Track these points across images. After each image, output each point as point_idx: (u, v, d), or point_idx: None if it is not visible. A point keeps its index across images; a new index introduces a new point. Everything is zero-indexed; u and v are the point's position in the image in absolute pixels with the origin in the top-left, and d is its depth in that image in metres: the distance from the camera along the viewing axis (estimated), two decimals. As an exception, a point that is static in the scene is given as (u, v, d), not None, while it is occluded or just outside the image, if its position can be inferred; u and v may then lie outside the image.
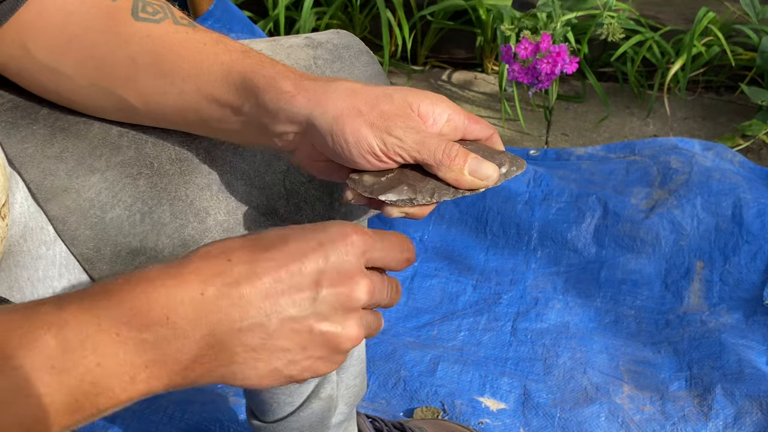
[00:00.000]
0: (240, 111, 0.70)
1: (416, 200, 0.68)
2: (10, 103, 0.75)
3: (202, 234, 0.76)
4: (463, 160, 0.67)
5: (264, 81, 0.69)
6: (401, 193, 0.68)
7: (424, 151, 0.67)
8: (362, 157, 0.67)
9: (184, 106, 0.72)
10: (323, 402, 0.94)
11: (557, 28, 1.78)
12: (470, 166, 0.68)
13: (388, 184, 0.68)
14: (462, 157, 0.67)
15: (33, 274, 0.73)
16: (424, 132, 0.67)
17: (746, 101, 2.06)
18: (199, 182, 0.76)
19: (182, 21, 0.73)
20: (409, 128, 0.67)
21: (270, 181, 0.78)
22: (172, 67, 0.71)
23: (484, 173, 0.68)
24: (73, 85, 0.73)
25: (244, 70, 0.70)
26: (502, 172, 0.69)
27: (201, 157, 0.77)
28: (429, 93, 0.70)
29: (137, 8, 0.72)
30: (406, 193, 0.68)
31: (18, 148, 0.73)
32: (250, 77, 0.69)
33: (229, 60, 0.71)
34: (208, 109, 0.71)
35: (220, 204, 0.77)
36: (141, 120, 0.75)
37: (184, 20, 0.73)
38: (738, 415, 1.29)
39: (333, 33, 0.86)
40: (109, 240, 0.74)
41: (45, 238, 0.73)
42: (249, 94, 0.69)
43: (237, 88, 0.69)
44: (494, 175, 0.68)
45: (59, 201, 0.73)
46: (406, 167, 0.69)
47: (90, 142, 0.75)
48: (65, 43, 0.72)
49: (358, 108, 0.67)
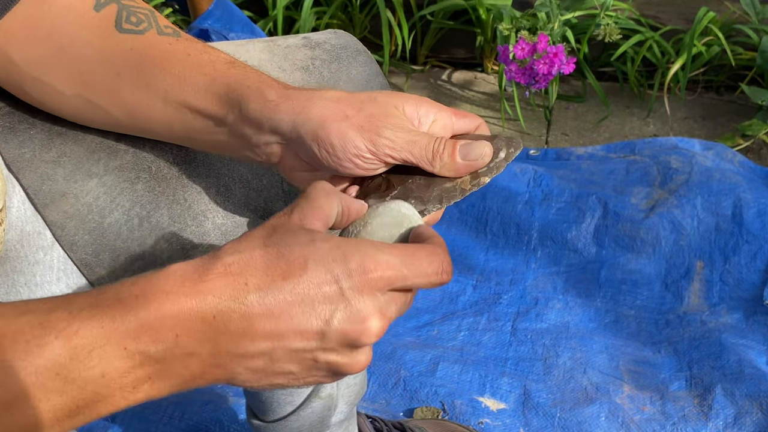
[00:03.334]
0: (223, 122, 0.69)
1: (427, 211, 0.67)
2: (7, 108, 0.75)
3: (200, 237, 0.76)
4: (452, 149, 0.67)
5: (248, 91, 0.68)
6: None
7: (415, 150, 0.67)
8: (349, 161, 0.66)
9: (168, 118, 0.71)
10: (323, 401, 0.94)
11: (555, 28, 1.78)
12: (461, 152, 0.67)
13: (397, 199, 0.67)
14: (450, 147, 0.67)
15: (30, 279, 0.73)
16: (413, 131, 0.67)
17: (746, 101, 2.06)
18: (197, 186, 0.76)
19: (166, 30, 0.72)
20: (399, 128, 0.67)
21: (268, 184, 0.78)
22: (156, 79, 0.70)
23: (477, 153, 0.68)
24: (59, 96, 0.72)
25: (228, 81, 0.69)
26: (501, 156, 0.69)
27: (199, 161, 0.77)
28: (412, 95, 0.70)
29: (121, 19, 0.72)
30: (414, 206, 0.67)
31: (15, 153, 0.73)
32: (234, 88, 0.69)
33: (213, 71, 0.70)
34: (192, 120, 0.70)
35: (218, 207, 0.77)
36: (127, 131, 0.74)
37: (169, 29, 0.73)
38: (738, 415, 1.29)
39: (331, 33, 0.86)
40: (108, 245, 0.74)
41: (42, 243, 0.73)
42: (233, 104, 0.68)
43: (221, 98, 0.69)
44: (488, 150, 0.68)
45: (57, 206, 0.73)
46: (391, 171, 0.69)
47: (88, 147, 0.75)
48: (51, 55, 0.72)
49: (344, 112, 0.67)
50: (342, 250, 0.55)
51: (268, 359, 0.55)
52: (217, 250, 0.56)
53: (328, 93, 0.68)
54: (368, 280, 0.55)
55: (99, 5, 0.72)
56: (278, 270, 0.54)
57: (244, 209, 0.77)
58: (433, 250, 0.59)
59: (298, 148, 0.68)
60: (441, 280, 0.59)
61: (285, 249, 0.55)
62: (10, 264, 0.72)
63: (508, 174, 1.71)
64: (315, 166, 0.68)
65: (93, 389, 0.51)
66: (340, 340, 0.55)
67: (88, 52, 0.71)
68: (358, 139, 0.66)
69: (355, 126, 0.66)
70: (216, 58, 0.71)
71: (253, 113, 0.68)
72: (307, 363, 0.56)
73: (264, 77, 0.70)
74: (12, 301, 0.70)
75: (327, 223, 0.60)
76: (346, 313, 0.55)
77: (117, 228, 0.74)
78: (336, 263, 0.55)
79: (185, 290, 0.53)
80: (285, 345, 0.55)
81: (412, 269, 0.57)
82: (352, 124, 0.66)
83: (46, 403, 0.50)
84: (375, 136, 0.66)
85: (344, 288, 0.55)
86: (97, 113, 0.73)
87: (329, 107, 0.67)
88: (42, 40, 0.71)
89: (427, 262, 0.58)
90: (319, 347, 0.55)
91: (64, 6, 0.72)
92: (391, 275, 0.56)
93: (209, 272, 0.54)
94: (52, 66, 0.72)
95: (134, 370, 0.52)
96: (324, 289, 0.54)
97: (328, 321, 0.54)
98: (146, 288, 0.53)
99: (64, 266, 0.74)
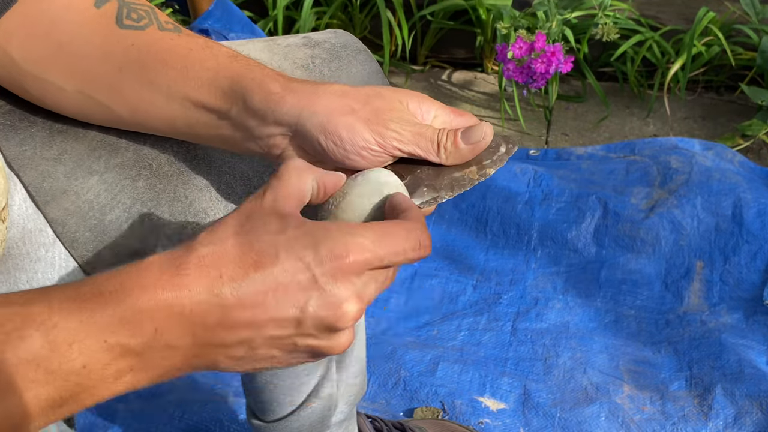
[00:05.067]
0: (227, 115, 0.70)
1: (440, 198, 0.68)
2: (8, 106, 0.75)
3: (201, 235, 0.76)
4: (454, 137, 0.68)
5: (253, 83, 0.68)
6: (423, 196, 0.68)
7: (422, 142, 0.67)
8: (357, 153, 0.67)
9: (171, 114, 0.71)
10: (323, 401, 0.94)
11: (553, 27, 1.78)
12: (463, 137, 0.68)
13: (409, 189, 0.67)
14: (452, 135, 0.68)
15: (32, 277, 0.73)
16: (419, 124, 0.68)
17: (746, 101, 2.06)
18: (197, 183, 0.76)
19: (167, 26, 0.73)
20: (405, 121, 0.68)
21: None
22: (158, 75, 0.71)
23: (478, 135, 0.69)
24: (60, 93, 0.73)
25: (231, 75, 0.69)
26: (502, 150, 0.70)
27: (200, 158, 0.77)
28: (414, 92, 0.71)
29: (122, 15, 0.72)
30: (427, 194, 0.68)
31: (16, 151, 0.73)
32: (238, 80, 0.69)
33: (216, 65, 0.70)
34: (195, 114, 0.71)
35: (219, 205, 0.77)
36: (128, 127, 0.75)
37: (169, 25, 0.73)
38: (738, 415, 1.29)
39: (330, 32, 0.86)
40: (109, 242, 0.74)
41: (44, 241, 0.73)
42: (237, 97, 0.69)
43: (224, 92, 0.69)
44: (488, 131, 0.69)
45: (58, 203, 0.73)
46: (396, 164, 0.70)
47: (88, 144, 0.75)
48: (51, 53, 0.72)
49: (350, 106, 0.67)
50: (313, 237, 0.55)
51: (248, 347, 0.56)
52: (192, 241, 0.56)
53: (332, 87, 0.69)
54: (341, 266, 0.55)
55: (99, 2, 0.72)
56: (250, 261, 0.54)
57: (245, 207, 0.77)
58: (408, 225, 0.58)
59: (303, 140, 0.68)
60: (419, 255, 0.58)
61: (256, 239, 0.55)
62: (12, 261, 0.72)
63: (508, 174, 1.71)
64: (319, 159, 0.68)
65: (76, 380, 0.52)
66: (318, 326, 0.55)
67: (89, 48, 0.72)
68: (366, 131, 0.66)
69: (362, 119, 0.67)
70: (218, 53, 0.71)
71: (257, 105, 0.68)
72: (288, 347, 0.57)
73: (267, 70, 0.70)
74: None
75: (302, 201, 0.60)
76: (320, 300, 0.55)
77: (118, 225, 0.74)
78: (307, 250, 0.55)
79: (162, 284, 0.53)
80: (263, 333, 0.55)
81: (388, 248, 0.57)
82: (359, 117, 0.67)
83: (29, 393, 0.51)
84: (383, 128, 0.67)
85: (317, 275, 0.55)
86: (98, 109, 0.73)
87: (335, 101, 0.67)
88: (42, 38, 0.71)
89: (403, 238, 0.57)
90: (296, 333, 0.56)
91: (64, 4, 0.72)
92: (366, 257, 0.56)
93: (185, 265, 0.54)
94: (53, 63, 0.72)
95: (115, 361, 0.53)
96: (297, 277, 0.54)
97: (303, 308, 0.55)
98: (125, 281, 0.54)
99: (65, 263, 0.74)
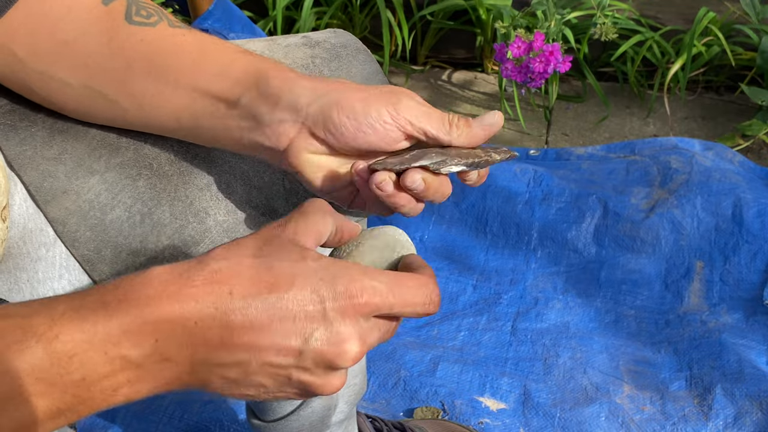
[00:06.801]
0: (236, 104, 0.70)
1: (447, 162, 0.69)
2: (9, 106, 0.75)
3: (202, 234, 0.76)
4: (466, 120, 0.70)
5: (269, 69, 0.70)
6: (432, 158, 0.69)
7: (433, 120, 0.69)
8: (370, 126, 0.68)
9: (177, 106, 0.72)
10: (323, 401, 0.94)
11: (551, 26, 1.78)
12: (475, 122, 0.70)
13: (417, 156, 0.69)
14: (464, 119, 0.70)
15: (33, 276, 0.73)
16: (428, 106, 0.70)
17: (746, 101, 2.06)
18: (198, 183, 0.76)
19: (177, 24, 0.73)
20: (415, 101, 0.70)
21: (269, 181, 0.78)
22: (168, 68, 0.71)
23: (489, 121, 0.71)
24: (65, 89, 0.73)
25: (245, 64, 0.71)
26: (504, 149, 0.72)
27: (200, 158, 0.77)
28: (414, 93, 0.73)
29: (131, 12, 0.72)
30: (437, 156, 0.69)
31: (17, 150, 0.73)
32: (251, 70, 0.70)
33: (228, 59, 0.71)
34: (203, 105, 0.71)
35: (219, 204, 0.77)
36: (131, 124, 0.75)
37: (178, 23, 0.74)
38: (738, 415, 1.29)
39: (330, 32, 0.86)
40: (110, 241, 0.74)
41: (44, 240, 0.73)
42: (250, 84, 0.70)
43: (237, 80, 0.70)
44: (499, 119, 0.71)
45: (59, 203, 0.73)
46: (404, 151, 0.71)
47: (89, 144, 0.75)
48: (57, 49, 0.72)
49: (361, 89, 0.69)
50: (331, 272, 0.56)
51: (243, 371, 0.55)
52: (203, 255, 0.56)
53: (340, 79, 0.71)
54: (353, 305, 0.55)
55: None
56: (265, 282, 0.54)
57: (246, 206, 0.78)
58: (422, 280, 0.59)
59: (314, 121, 0.69)
60: (427, 310, 0.59)
61: (275, 262, 0.55)
62: (13, 261, 0.72)
63: (508, 174, 1.71)
64: (328, 142, 0.69)
65: (74, 393, 0.52)
66: (317, 360, 0.55)
67: (97, 44, 0.72)
68: (379, 104, 0.68)
69: (375, 95, 0.69)
70: (230, 48, 0.72)
71: (273, 89, 0.69)
72: (281, 379, 0.56)
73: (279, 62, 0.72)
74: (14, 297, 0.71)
75: (319, 240, 0.61)
76: (325, 333, 0.55)
77: (119, 225, 0.74)
78: (323, 283, 0.55)
79: (168, 294, 0.53)
80: (261, 358, 0.55)
81: (399, 298, 0.57)
82: (372, 94, 0.69)
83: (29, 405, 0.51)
84: (396, 102, 0.69)
85: (327, 309, 0.55)
86: (104, 104, 0.73)
87: (349, 85, 0.70)
88: (47, 34, 0.72)
89: (415, 291, 0.58)
90: (294, 365, 0.55)
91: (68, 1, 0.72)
92: (377, 302, 0.56)
93: (195, 278, 0.54)
94: (58, 58, 0.72)
95: (114, 374, 0.53)
96: (308, 307, 0.54)
97: (307, 339, 0.54)
98: (129, 292, 0.53)
99: (66, 263, 0.74)
